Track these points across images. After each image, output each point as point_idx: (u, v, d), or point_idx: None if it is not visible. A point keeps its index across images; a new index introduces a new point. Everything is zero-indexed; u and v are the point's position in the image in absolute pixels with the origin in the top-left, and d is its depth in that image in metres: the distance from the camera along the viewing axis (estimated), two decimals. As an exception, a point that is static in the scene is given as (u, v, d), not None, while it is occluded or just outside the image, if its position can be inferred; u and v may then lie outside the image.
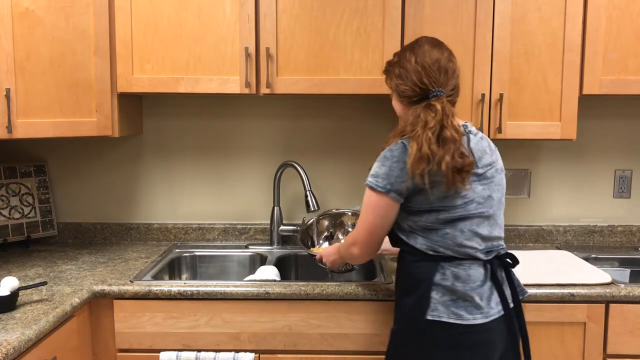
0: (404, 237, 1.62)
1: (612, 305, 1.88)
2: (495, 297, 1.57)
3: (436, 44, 1.65)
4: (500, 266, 1.61)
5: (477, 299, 1.53)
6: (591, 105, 2.45)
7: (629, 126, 2.49)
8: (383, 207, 1.58)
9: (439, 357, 1.53)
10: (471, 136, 1.61)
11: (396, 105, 1.70)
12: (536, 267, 2.07)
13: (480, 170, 1.58)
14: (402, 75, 1.63)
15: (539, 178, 2.51)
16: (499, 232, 1.63)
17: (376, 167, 1.60)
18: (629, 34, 2.12)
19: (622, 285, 1.89)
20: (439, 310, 1.53)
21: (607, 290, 1.86)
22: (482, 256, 1.57)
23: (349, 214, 2.23)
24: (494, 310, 1.55)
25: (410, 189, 1.55)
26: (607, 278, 1.93)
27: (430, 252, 1.56)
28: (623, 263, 2.32)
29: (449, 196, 1.54)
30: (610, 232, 2.50)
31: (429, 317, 1.53)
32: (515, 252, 2.26)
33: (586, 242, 2.51)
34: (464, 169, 1.52)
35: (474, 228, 1.56)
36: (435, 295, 1.54)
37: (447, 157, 1.50)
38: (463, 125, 1.63)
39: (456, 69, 1.64)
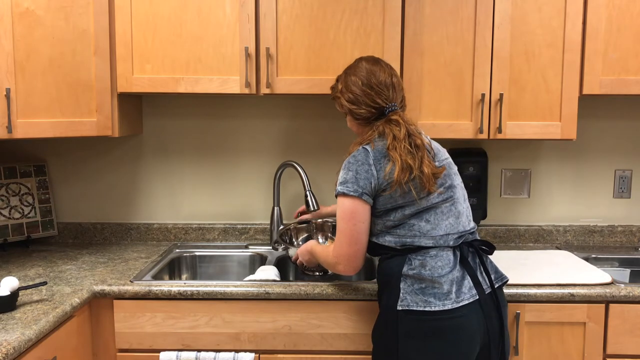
0: (374, 239, 1.68)
1: (612, 305, 1.88)
2: (468, 282, 1.60)
3: (375, 61, 1.75)
4: (472, 252, 1.66)
5: (446, 285, 1.56)
6: (591, 105, 2.45)
7: (629, 126, 2.49)
8: (359, 212, 1.62)
9: (412, 346, 1.56)
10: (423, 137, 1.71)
11: (352, 125, 1.79)
12: (536, 267, 2.07)
13: (437, 164, 1.66)
14: (354, 100, 1.71)
15: (539, 178, 2.51)
16: (466, 218, 1.68)
17: (343, 175, 1.65)
18: (629, 34, 2.12)
19: (622, 285, 1.89)
20: (407, 300, 1.57)
21: (607, 290, 1.86)
22: (450, 242, 1.62)
23: (330, 222, 2.26)
24: (466, 295, 1.58)
25: (374, 190, 1.62)
26: (607, 278, 1.93)
27: (398, 247, 1.62)
28: (623, 263, 2.32)
29: (410, 192, 1.60)
30: (610, 232, 2.50)
31: (399, 308, 1.57)
32: (515, 252, 2.28)
33: (586, 242, 2.51)
34: (437, 175, 1.62)
35: (439, 216, 1.62)
36: (403, 285, 1.59)
37: (425, 162, 1.60)
38: None
39: (400, 82, 1.75)
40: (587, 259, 2.26)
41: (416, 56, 2.11)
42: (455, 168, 1.74)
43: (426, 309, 1.55)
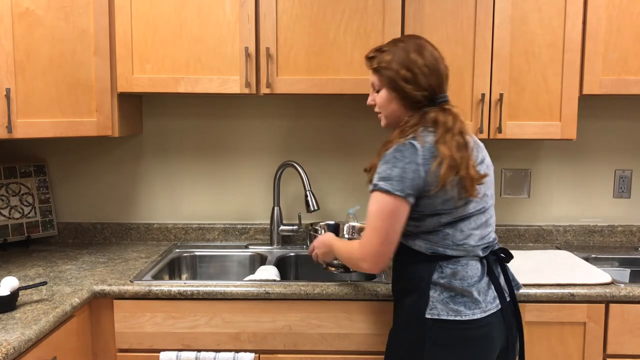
0: (402, 241, 1.59)
1: (612, 305, 1.88)
2: (492, 292, 1.58)
3: (434, 46, 1.63)
4: (496, 261, 1.63)
5: (475, 294, 1.53)
6: (591, 105, 2.45)
7: (629, 126, 2.49)
8: (400, 213, 1.51)
9: (440, 355, 1.52)
10: None
11: (395, 106, 1.62)
12: (536, 267, 2.07)
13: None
14: (411, 79, 1.56)
15: (539, 178, 2.51)
16: (493, 227, 1.65)
17: (386, 169, 1.51)
18: (629, 34, 2.12)
19: (622, 285, 1.89)
20: (438, 309, 1.52)
21: (607, 290, 1.86)
22: (479, 252, 1.58)
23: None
24: (492, 304, 1.56)
25: (418, 192, 1.52)
26: (607, 278, 1.93)
27: (429, 253, 1.56)
28: (623, 263, 2.32)
29: (452, 198, 1.53)
30: (610, 232, 2.50)
31: (428, 316, 1.52)
32: (515, 252, 2.27)
33: (586, 242, 2.51)
34: (479, 181, 1.54)
35: (472, 226, 1.57)
36: (433, 293, 1.54)
37: (471, 164, 1.52)
38: None
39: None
40: (587, 259, 2.26)
41: (416, 56, 2.11)
42: (490, 173, 1.64)
43: (457, 318, 1.51)
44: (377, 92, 1.66)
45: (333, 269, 1.97)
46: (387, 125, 1.68)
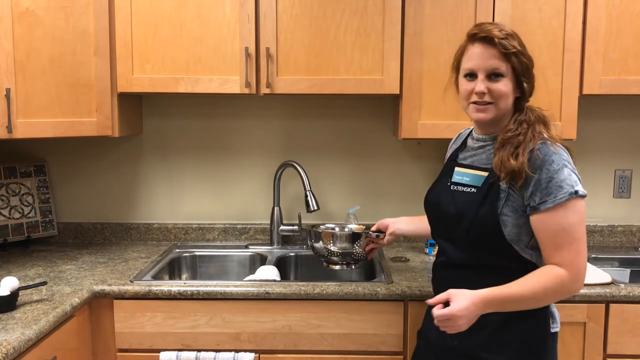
0: (527, 256, 1.47)
1: (612, 305, 1.88)
2: None
3: None
4: None
5: None
6: (591, 105, 2.45)
7: (629, 126, 2.49)
8: None
9: None
10: None
11: (510, 100, 1.49)
12: (536, 267, 2.07)
13: None
14: (532, 74, 1.50)
15: (539, 178, 2.51)
16: None
17: (570, 173, 1.41)
18: (629, 34, 2.12)
19: (622, 285, 1.89)
20: (557, 321, 1.54)
21: (607, 290, 1.86)
22: None
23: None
24: None
25: None
26: (607, 278, 1.93)
27: (533, 260, 1.49)
28: (623, 263, 2.32)
29: None
30: (610, 232, 2.50)
31: (553, 330, 1.53)
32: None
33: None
34: None
35: None
36: (552, 308, 1.55)
37: None
38: None
39: None
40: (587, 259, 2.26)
41: (416, 56, 2.11)
42: None
43: (559, 328, 1.55)
44: (493, 78, 1.47)
45: (335, 266, 1.96)
46: (492, 119, 1.50)
